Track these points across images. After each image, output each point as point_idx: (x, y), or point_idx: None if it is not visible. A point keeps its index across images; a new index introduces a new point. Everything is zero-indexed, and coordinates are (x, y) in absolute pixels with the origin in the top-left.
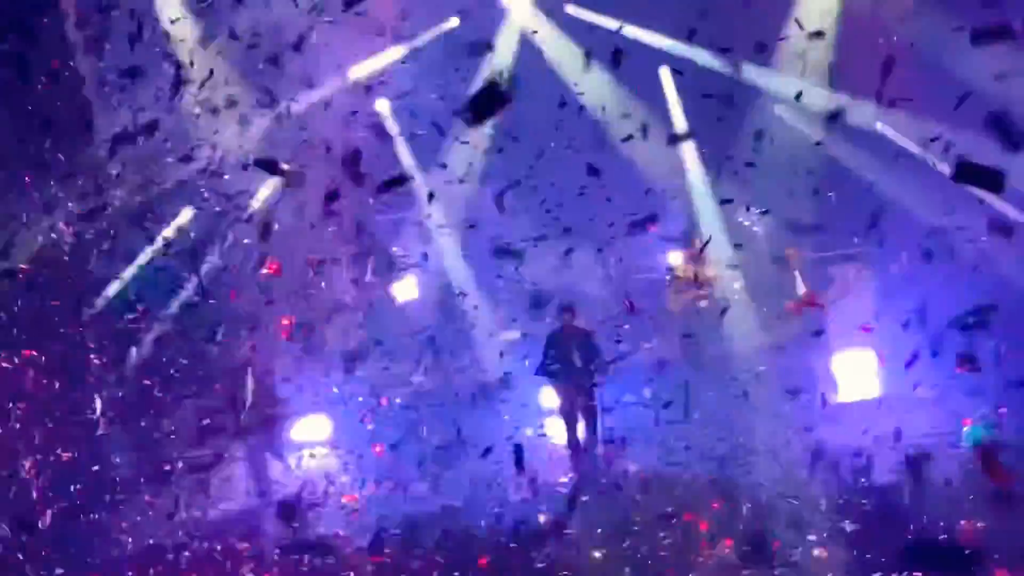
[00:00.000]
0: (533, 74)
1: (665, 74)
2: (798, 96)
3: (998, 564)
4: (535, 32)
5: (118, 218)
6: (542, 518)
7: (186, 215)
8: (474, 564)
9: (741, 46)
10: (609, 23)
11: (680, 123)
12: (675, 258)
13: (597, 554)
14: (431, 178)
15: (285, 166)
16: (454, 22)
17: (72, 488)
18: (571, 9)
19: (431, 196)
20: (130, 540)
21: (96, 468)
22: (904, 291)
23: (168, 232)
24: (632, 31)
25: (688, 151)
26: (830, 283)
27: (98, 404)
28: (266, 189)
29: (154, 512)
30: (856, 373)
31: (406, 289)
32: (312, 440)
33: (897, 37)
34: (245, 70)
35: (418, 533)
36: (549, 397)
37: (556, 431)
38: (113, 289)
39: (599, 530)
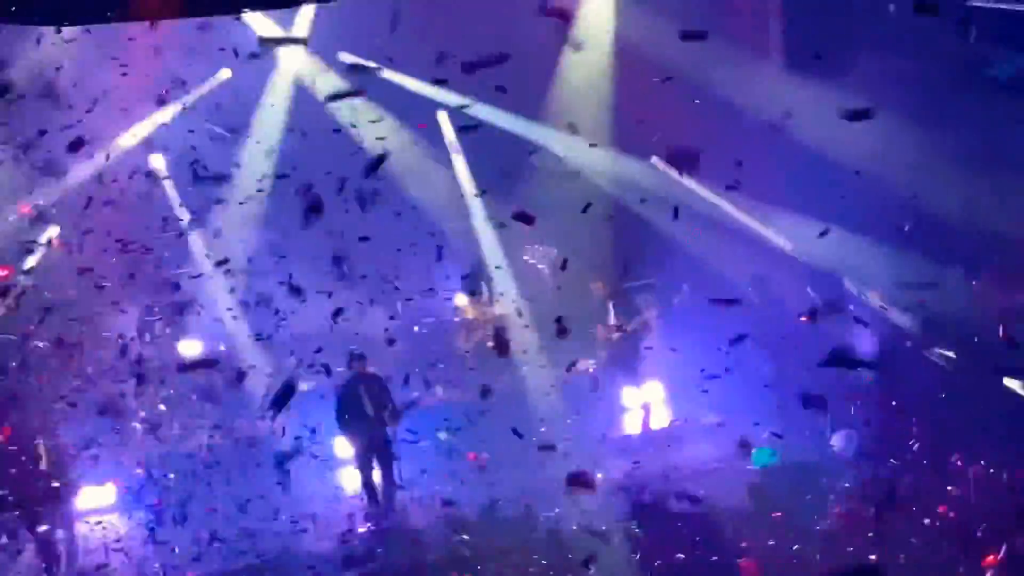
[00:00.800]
0: (307, 119)
1: (443, 118)
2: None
3: None
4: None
5: None
6: None
7: None
8: None
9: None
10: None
11: (459, 164)
12: (461, 299)
13: None
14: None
15: None
16: (225, 74)
17: None
18: (344, 56)
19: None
20: None
21: None
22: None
23: None
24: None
25: (470, 194)
26: (635, 314)
27: None
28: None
29: None
30: (642, 405)
31: (190, 347)
32: (98, 507)
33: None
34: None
35: None
36: (344, 447)
37: (352, 481)
38: None
39: None
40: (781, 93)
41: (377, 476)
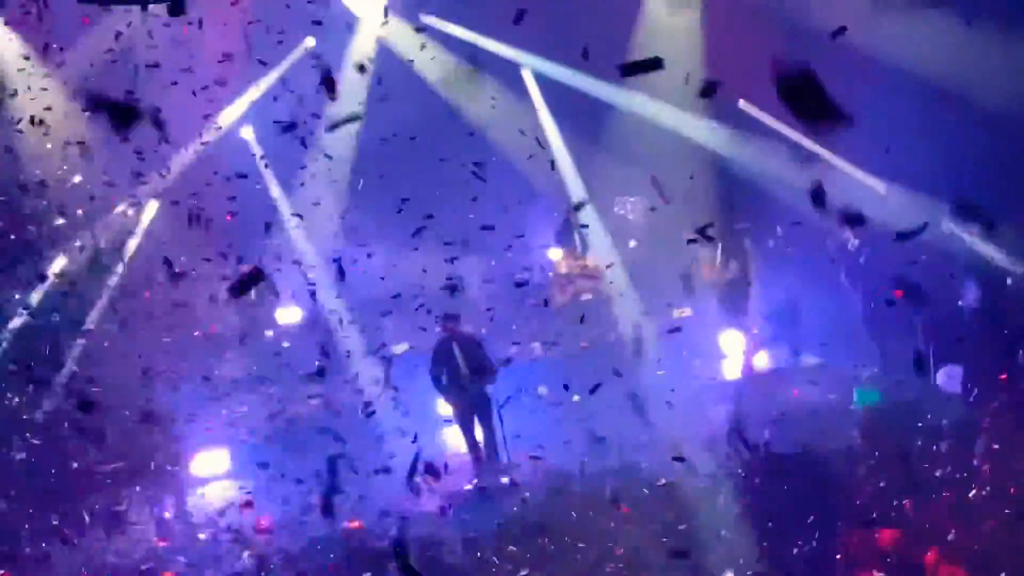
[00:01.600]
0: (396, 82)
1: (528, 76)
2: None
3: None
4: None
5: None
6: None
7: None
8: None
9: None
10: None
11: (548, 124)
12: (555, 254)
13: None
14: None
15: None
16: (310, 42)
17: None
18: (427, 19)
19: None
20: None
21: None
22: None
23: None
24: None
25: (559, 151)
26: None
27: None
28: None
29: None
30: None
31: (288, 315)
32: (213, 474)
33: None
34: None
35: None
36: (445, 406)
37: (456, 439)
38: None
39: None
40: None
41: (480, 434)
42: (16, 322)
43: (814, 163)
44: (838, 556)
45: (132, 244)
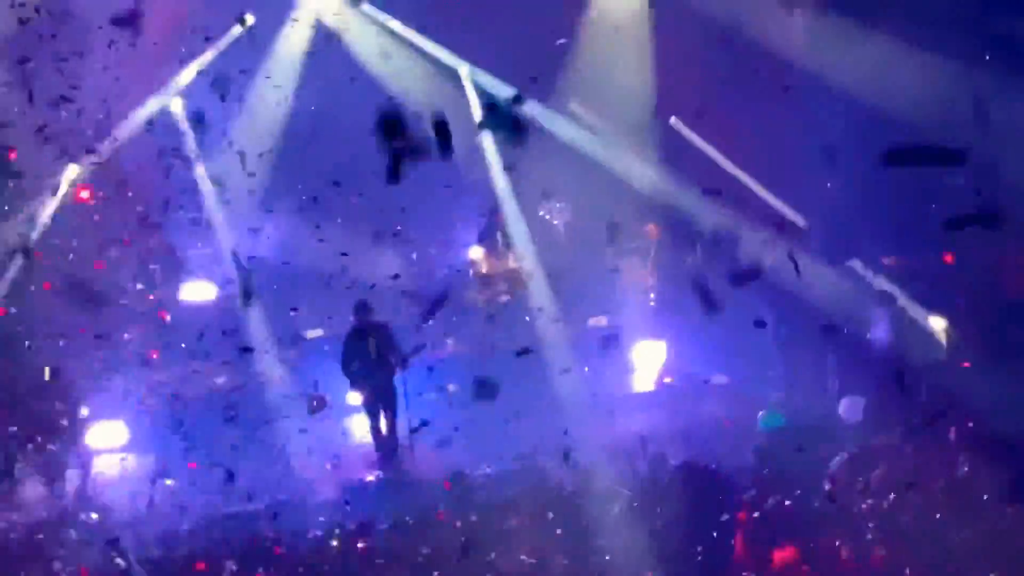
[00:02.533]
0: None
1: (464, 72)
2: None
3: None
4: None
5: None
6: None
7: None
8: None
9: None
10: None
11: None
12: (476, 253)
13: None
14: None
15: None
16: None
17: None
18: (366, 8)
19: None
20: None
21: None
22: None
23: None
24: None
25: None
26: None
27: None
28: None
29: None
30: (650, 363)
31: (198, 291)
32: (109, 446)
33: None
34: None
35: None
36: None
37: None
38: None
39: None
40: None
41: (384, 424)
42: None
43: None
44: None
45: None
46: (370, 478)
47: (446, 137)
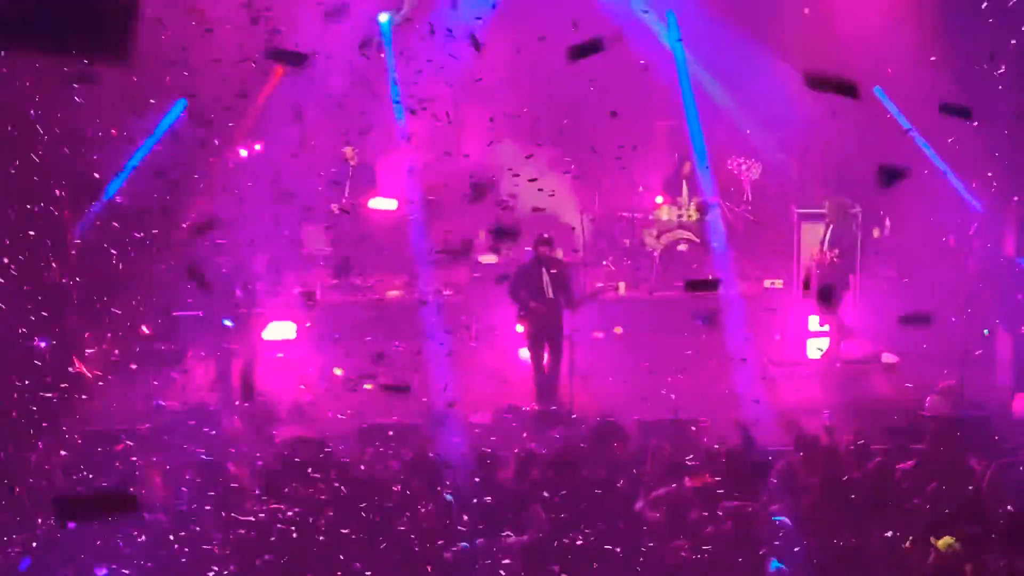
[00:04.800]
0: None
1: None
2: None
3: None
4: None
5: None
6: None
7: None
8: None
9: None
10: None
11: None
12: (659, 200)
13: None
14: None
15: None
16: None
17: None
18: None
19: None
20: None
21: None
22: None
23: None
24: None
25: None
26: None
27: None
28: None
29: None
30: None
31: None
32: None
33: None
34: None
35: None
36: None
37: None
38: None
39: None
40: None
41: (547, 358)
42: None
43: None
44: None
45: None
46: (526, 408)
47: None
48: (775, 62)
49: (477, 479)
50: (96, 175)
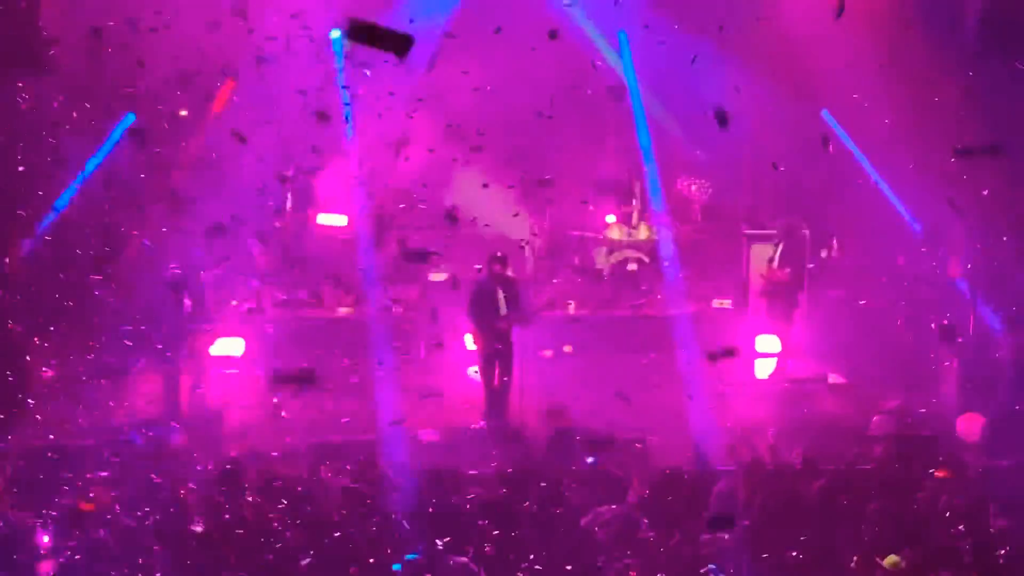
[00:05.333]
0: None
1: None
2: None
3: None
4: None
5: None
6: None
7: None
8: None
9: None
10: None
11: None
12: (610, 219)
13: None
14: None
15: None
16: None
17: None
18: None
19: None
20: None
21: None
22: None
23: None
24: None
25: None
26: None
27: None
28: None
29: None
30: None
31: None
32: (228, 356)
33: None
34: None
35: None
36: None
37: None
38: None
39: None
40: None
41: (496, 376)
42: None
43: None
44: None
45: None
46: (475, 427)
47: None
48: (726, 79)
49: (424, 496)
50: (40, 192)
